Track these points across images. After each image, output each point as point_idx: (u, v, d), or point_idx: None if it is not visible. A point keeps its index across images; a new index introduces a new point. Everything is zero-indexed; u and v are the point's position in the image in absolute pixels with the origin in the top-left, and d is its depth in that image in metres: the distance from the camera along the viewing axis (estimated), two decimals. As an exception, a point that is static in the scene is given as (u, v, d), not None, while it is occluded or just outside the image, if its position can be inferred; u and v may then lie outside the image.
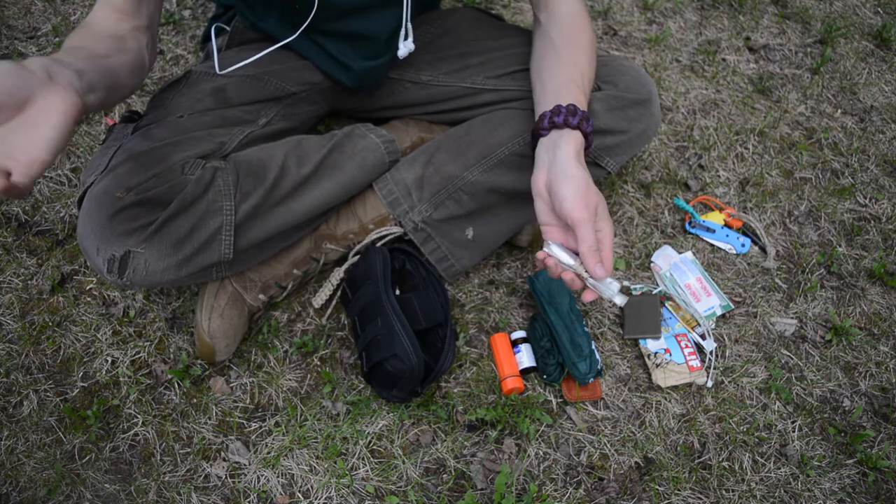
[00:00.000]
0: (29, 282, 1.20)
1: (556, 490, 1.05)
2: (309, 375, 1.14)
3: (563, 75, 0.96)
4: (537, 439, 1.09)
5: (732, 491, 1.07)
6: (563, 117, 0.88)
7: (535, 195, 0.88)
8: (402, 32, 1.02)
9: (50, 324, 1.16)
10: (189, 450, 1.06)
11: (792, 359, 1.21)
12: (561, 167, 0.85)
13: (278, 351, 1.16)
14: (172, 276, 0.92)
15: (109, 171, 0.91)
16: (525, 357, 1.14)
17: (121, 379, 1.11)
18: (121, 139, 0.96)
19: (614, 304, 0.80)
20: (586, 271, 0.82)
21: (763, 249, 1.33)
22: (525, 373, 1.14)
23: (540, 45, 1.03)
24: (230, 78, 1.06)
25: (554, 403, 1.13)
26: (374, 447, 1.08)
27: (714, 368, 1.18)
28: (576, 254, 0.84)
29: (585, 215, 0.80)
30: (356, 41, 1.06)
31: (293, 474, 1.05)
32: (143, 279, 0.90)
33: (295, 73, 1.11)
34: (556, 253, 0.84)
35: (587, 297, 0.84)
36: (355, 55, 1.08)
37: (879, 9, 1.80)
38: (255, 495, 1.03)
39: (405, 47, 1.03)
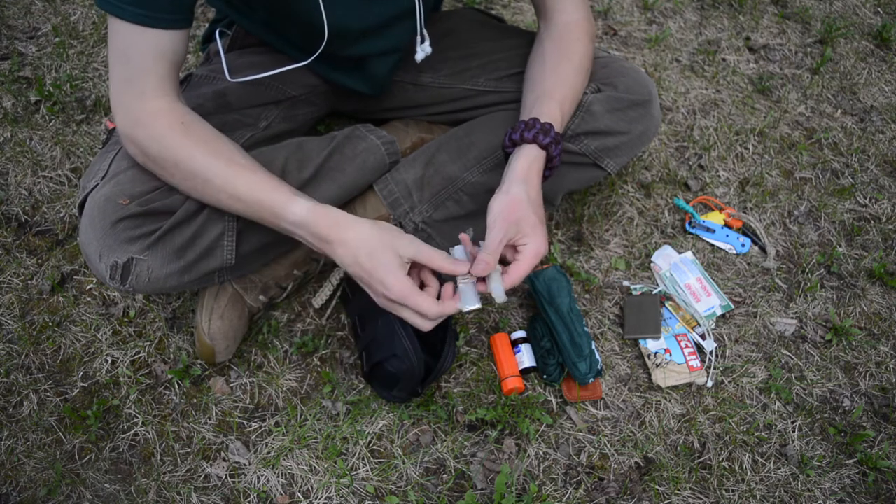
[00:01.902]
0: (29, 282, 1.20)
1: (556, 490, 1.05)
2: (309, 375, 1.14)
3: (542, 87, 0.98)
4: (537, 439, 1.09)
5: (732, 491, 1.07)
6: (520, 133, 0.92)
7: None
8: (419, 38, 1.01)
9: (50, 324, 1.16)
10: (189, 450, 1.06)
11: (792, 359, 1.21)
12: (505, 182, 0.90)
13: (278, 351, 1.16)
14: (175, 283, 0.92)
15: (111, 178, 0.91)
16: (525, 357, 1.14)
17: (121, 379, 1.11)
18: (120, 142, 0.96)
19: (496, 303, 0.88)
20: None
21: (763, 249, 1.33)
22: (525, 373, 1.14)
23: (533, 54, 1.05)
24: (231, 82, 1.06)
25: (554, 403, 1.13)
26: (374, 447, 1.08)
27: (714, 368, 1.18)
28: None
29: (499, 225, 0.85)
30: (370, 60, 1.06)
31: (293, 474, 1.05)
32: (145, 286, 0.90)
33: (295, 76, 1.11)
34: (455, 253, 0.90)
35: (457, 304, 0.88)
36: (369, 72, 1.09)
37: (879, 9, 1.80)
38: (255, 495, 1.03)
39: (422, 51, 1.02)
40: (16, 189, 1.30)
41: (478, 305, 0.86)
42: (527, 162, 0.91)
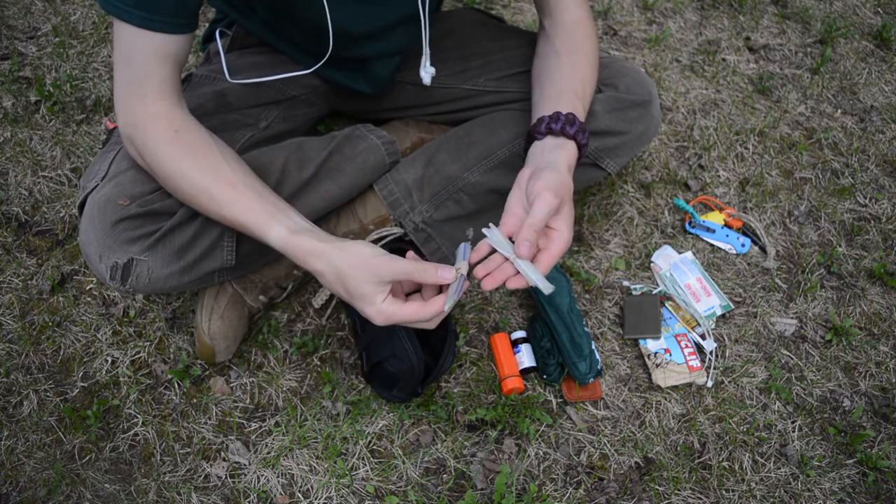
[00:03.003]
0: (29, 282, 1.20)
1: (556, 490, 1.05)
2: (309, 375, 1.14)
3: (563, 83, 0.97)
4: (537, 439, 1.09)
5: (732, 491, 1.07)
6: (561, 125, 0.89)
7: (514, 185, 0.87)
8: (423, 59, 0.99)
9: (50, 324, 1.16)
10: (189, 450, 1.06)
11: (792, 359, 1.21)
12: (551, 165, 0.86)
13: (278, 351, 1.16)
14: (175, 283, 0.92)
15: (112, 178, 0.91)
16: (525, 357, 1.14)
17: (121, 379, 1.12)
18: (121, 143, 0.96)
19: (539, 290, 0.80)
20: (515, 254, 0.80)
21: (763, 249, 1.33)
22: (525, 373, 1.14)
23: (542, 50, 1.03)
24: (231, 82, 1.06)
25: (554, 403, 1.13)
26: (374, 447, 1.08)
27: (714, 368, 1.18)
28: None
29: (549, 197, 0.80)
30: (371, 62, 1.06)
31: (293, 474, 1.05)
32: (145, 286, 0.90)
33: (295, 76, 1.11)
34: (493, 234, 0.82)
35: (511, 283, 0.81)
36: (370, 73, 1.08)
37: (879, 9, 1.80)
38: (255, 495, 1.03)
39: (427, 73, 1.00)
40: (16, 189, 1.30)
41: (456, 299, 0.80)
42: (570, 156, 0.89)
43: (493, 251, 0.83)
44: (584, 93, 0.96)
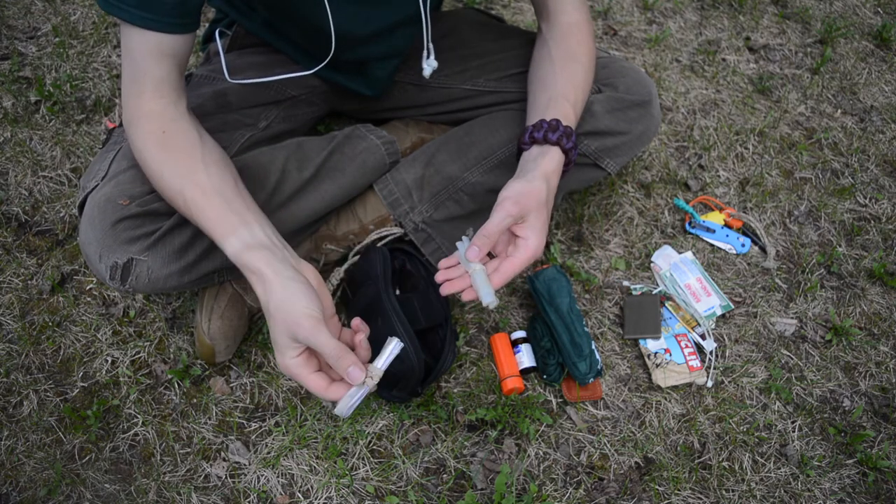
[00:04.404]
0: (29, 282, 1.20)
1: (556, 490, 1.05)
2: (309, 375, 1.14)
3: (554, 89, 0.97)
4: (537, 439, 1.09)
5: (732, 491, 1.07)
6: (544, 133, 0.90)
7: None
8: (425, 52, 1.00)
9: (50, 324, 1.16)
10: (189, 450, 1.06)
11: (792, 359, 1.21)
12: (527, 174, 0.88)
13: (278, 351, 1.16)
14: (175, 283, 0.92)
15: (112, 178, 0.91)
16: (525, 357, 1.14)
17: (121, 379, 1.12)
18: (120, 142, 0.96)
19: (488, 306, 0.81)
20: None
21: (763, 249, 1.33)
22: (525, 373, 1.14)
23: (538, 54, 1.04)
24: (231, 82, 1.06)
25: (554, 403, 1.13)
26: (374, 447, 1.08)
27: (714, 368, 1.18)
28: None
29: (508, 206, 0.83)
30: (371, 64, 1.06)
31: (293, 474, 1.05)
32: (145, 286, 0.90)
33: (295, 77, 1.11)
34: (462, 245, 0.85)
35: (466, 295, 0.84)
36: (370, 75, 1.08)
37: (879, 9, 1.80)
38: (255, 495, 1.03)
39: (429, 66, 1.00)
40: (16, 189, 1.30)
41: (350, 403, 0.75)
42: (551, 163, 0.90)
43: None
44: (576, 98, 0.97)
